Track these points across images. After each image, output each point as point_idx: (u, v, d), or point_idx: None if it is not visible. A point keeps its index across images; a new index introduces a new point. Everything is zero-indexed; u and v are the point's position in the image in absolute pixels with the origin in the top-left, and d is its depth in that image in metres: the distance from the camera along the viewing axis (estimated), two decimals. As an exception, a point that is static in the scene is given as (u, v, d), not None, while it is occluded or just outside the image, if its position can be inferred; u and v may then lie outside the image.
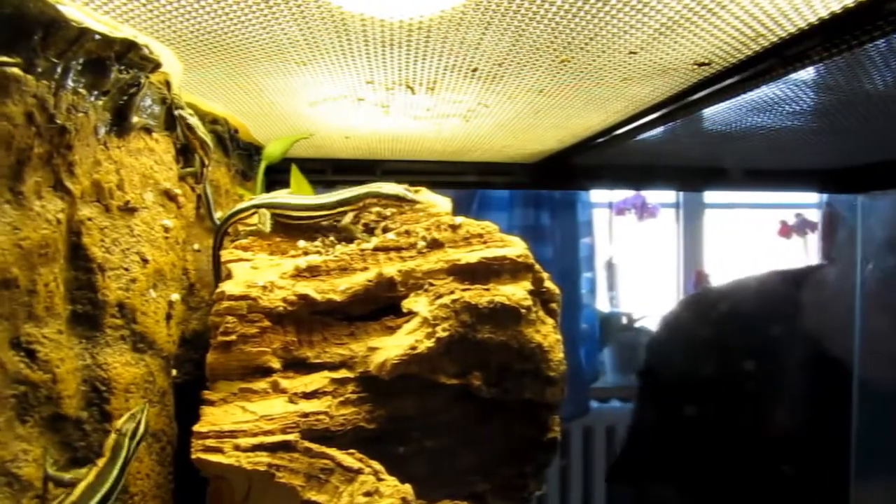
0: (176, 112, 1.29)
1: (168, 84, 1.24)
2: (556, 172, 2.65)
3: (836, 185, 2.81)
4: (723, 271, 4.19)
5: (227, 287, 1.27)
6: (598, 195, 4.08)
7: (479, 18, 1.19)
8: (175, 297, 1.24)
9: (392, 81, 1.55)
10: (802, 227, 3.81)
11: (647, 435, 2.99)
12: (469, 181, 2.73)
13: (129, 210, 1.12)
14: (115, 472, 0.97)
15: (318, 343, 1.29)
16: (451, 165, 2.63)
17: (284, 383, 1.24)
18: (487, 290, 1.26)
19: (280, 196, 1.47)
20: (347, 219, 1.42)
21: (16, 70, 0.81)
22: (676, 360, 2.85)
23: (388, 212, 1.45)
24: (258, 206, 1.41)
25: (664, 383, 2.89)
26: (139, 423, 1.03)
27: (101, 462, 0.97)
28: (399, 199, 1.42)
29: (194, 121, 1.37)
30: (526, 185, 2.83)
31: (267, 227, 1.39)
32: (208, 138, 1.41)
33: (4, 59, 0.79)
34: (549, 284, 1.36)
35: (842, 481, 2.84)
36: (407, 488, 1.10)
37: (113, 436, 1.00)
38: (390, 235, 1.37)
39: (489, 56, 1.38)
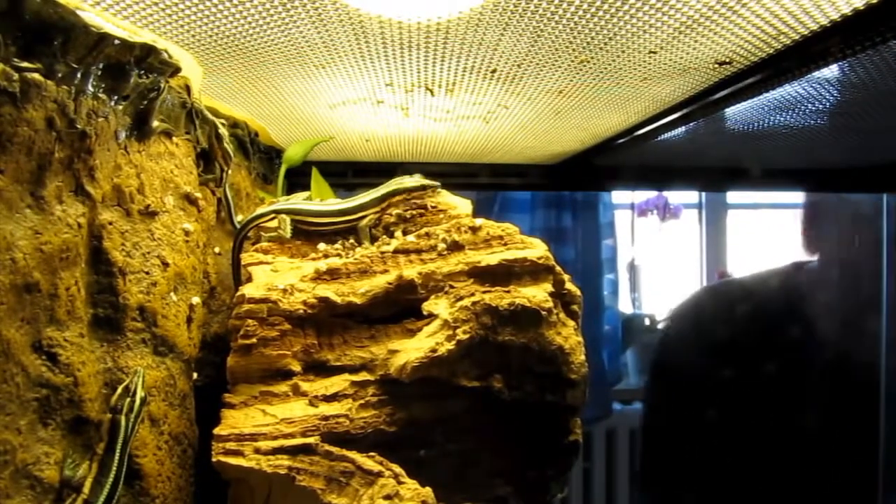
0: (197, 118, 1.29)
1: (188, 88, 1.24)
2: (578, 174, 2.64)
3: (861, 184, 2.77)
4: (746, 272, 4.15)
5: (248, 290, 1.27)
6: (620, 196, 4.06)
7: (498, 19, 1.19)
8: (196, 300, 1.25)
9: (411, 83, 1.55)
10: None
11: (662, 436, 2.98)
12: (489, 183, 2.73)
13: (149, 214, 1.12)
14: (116, 457, 0.95)
15: (339, 346, 1.29)
16: (471, 167, 2.63)
17: (305, 386, 1.24)
18: (508, 292, 1.25)
19: (300, 202, 1.46)
20: (366, 221, 1.41)
21: (36, 76, 0.81)
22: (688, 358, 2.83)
23: (408, 214, 1.45)
24: (277, 212, 1.41)
25: (676, 382, 2.86)
26: (134, 394, 1.00)
27: (99, 448, 0.95)
28: (424, 189, 1.43)
29: (222, 130, 1.38)
30: (547, 187, 2.82)
31: (287, 233, 1.39)
32: (231, 147, 1.41)
33: (25, 64, 0.80)
34: (570, 286, 1.36)
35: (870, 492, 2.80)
36: (427, 492, 1.09)
37: (107, 416, 0.98)
38: (410, 238, 1.36)
39: (508, 57, 1.37)
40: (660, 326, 4.10)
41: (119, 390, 1.00)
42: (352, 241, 1.41)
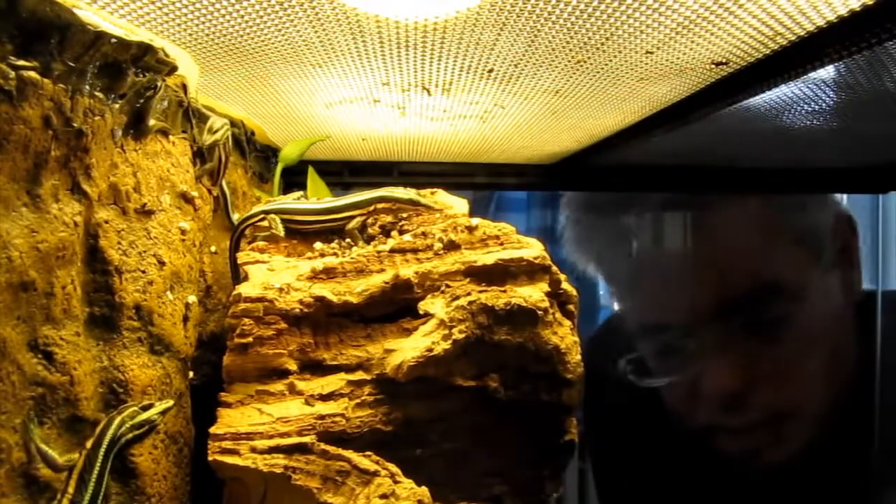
0: (194, 117, 1.29)
1: (185, 87, 1.24)
2: (574, 173, 2.64)
3: (857, 185, 2.78)
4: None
5: (244, 289, 1.27)
6: (616, 196, 4.06)
7: (495, 19, 1.19)
8: (192, 299, 1.25)
9: (408, 83, 1.55)
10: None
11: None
12: (486, 183, 2.72)
13: (145, 213, 1.12)
14: (101, 453, 0.95)
15: (335, 345, 1.29)
16: (467, 167, 2.63)
17: (301, 385, 1.24)
18: (504, 291, 1.25)
19: (288, 202, 1.46)
20: (353, 223, 1.41)
21: (33, 74, 0.81)
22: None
23: (404, 213, 1.45)
24: (266, 213, 1.41)
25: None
26: (147, 408, 1.01)
27: (88, 444, 0.95)
28: (413, 204, 1.42)
29: (221, 133, 1.37)
30: (543, 187, 2.82)
31: (280, 231, 1.39)
32: (229, 153, 1.42)
33: (21, 62, 0.80)
34: (566, 286, 1.36)
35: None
36: (423, 491, 1.09)
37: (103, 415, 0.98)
38: (407, 237, 1.37)
39: (505, 57, 1.37)
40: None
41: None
42: (348, 240, 1.41)
